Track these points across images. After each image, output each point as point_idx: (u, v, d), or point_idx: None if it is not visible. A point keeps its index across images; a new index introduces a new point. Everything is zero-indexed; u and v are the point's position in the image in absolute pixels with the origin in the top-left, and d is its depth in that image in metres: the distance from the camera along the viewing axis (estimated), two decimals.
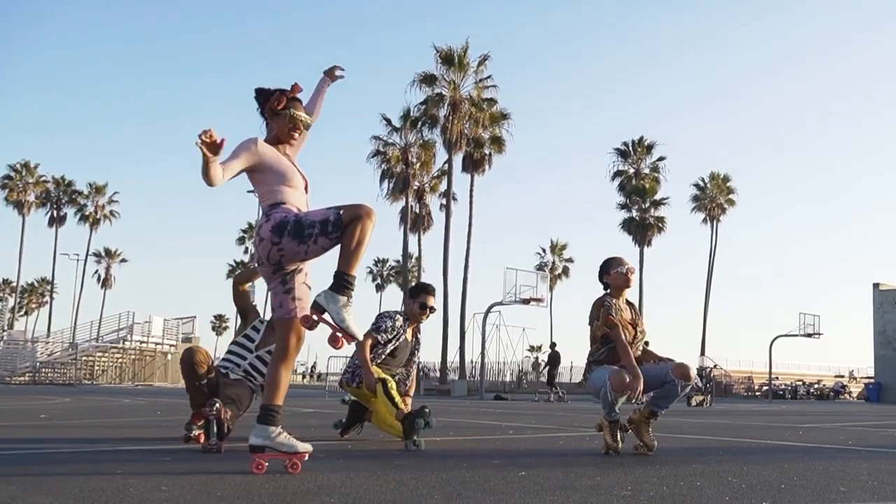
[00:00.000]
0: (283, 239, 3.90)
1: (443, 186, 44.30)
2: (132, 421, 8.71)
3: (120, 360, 47.30)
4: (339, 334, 3.80)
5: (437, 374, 41.89)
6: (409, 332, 6.42)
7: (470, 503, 3.11)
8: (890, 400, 38.75)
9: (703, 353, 53.91)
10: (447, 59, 40.36)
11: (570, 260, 70.26)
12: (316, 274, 4.24)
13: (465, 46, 40.63)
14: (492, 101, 41.47)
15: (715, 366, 32.58)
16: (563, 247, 69.97)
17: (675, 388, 5.43)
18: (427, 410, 5.61)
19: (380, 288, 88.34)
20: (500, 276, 27.87)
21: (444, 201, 43.62)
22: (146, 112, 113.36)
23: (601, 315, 5.50)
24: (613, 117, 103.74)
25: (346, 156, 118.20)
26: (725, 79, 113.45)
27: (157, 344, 48.96)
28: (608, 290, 5.71)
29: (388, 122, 43.04)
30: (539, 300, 28.02)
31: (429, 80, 40.53)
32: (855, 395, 47.62)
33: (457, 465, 4.50)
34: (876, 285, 44.85)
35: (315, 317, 3.79)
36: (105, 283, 76.67)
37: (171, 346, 49.80)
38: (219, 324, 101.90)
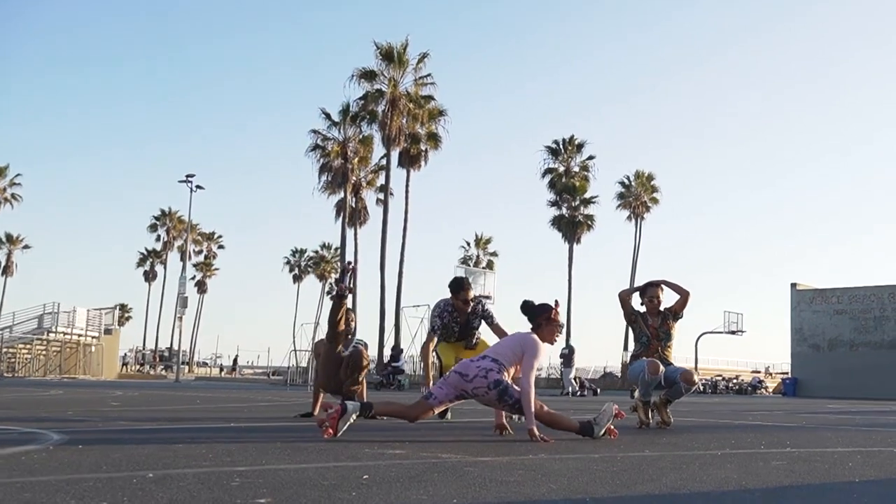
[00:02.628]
0: (491, 392, 5.91)
1: (379, 181, 45.73)
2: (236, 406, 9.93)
3: (42, 353, 47.23)
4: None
5: (374, 367, 43.24)
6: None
7: (545, 458, 4.61)
8: (805, 394, 41.71)
9: (626, 349, 56.55)
10: (387, 55, 41.72)
11: (494, 254, 72.17)
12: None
13: (405, 43, 42.11)
14: (429, 98, 42.99)
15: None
16: (488, 241, 71.80)
17: (680, 388, 7.25)
18: None
19: (297, 279, 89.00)
20: (435, 270, 29.59)
21: (380, 196, 45.07)
22: (53, 93, 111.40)
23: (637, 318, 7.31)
24: (546, 115, 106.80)
25: (284, 149, 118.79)
26: (652, 77, 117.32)
27: (80, 335, 48.96)
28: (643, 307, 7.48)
29: (328, 116, 44.29)
30: (486, 297, 29.66)
31: (368, 75, 41.83)
32: (771, 389, 50.70)
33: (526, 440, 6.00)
34: (793, 285, 48.00)
35: None
36: (6, 270, 75.58)
37: (93, 337, 49.83)
38: (122, 314, 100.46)
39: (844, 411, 15.22)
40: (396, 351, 32.74)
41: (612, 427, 6.13)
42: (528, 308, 6.37)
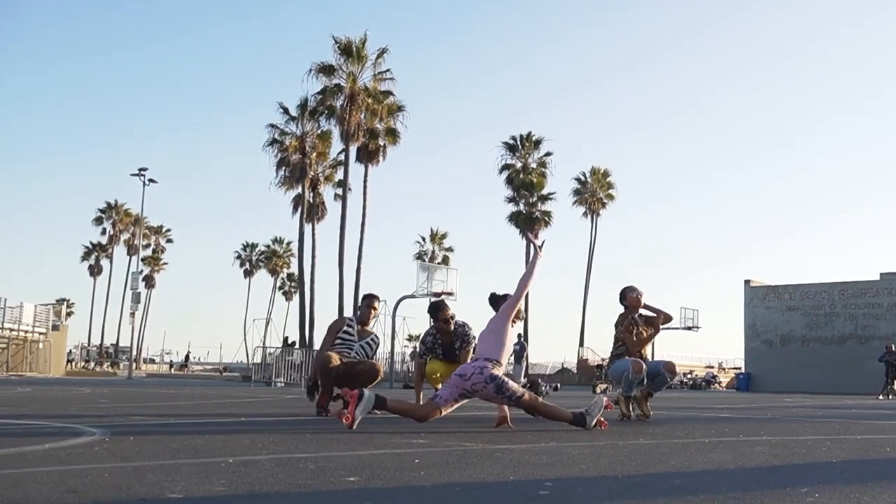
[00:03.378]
0: (489, 386, 6.49)
1: (337, 176, 46.17)
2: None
3: None
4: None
5: None
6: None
7: (544, 437, 5.27)
8: (758, 389, 43.07)
9: (581, 344, 57.67)
10: (346, 50, 42.12)
11: (450, 249, 72.80)
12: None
13: (364, 38, 42.56)
14: (388, 94, 43.51)
15: (604, 359, 35.85)
16: (444, 236, 72.42)
17: (664, 379, 7.96)
18: None
19: (248, 274, 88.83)
20: (394, 265, 30.13)
21: (338, 191, 45.53)
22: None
23: (624, 325, 7.89)
24: (504, 111, 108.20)
25: (237, 143, 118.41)
26: (608, 73, 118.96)
27: (26, 332, 48.59)
28: (627, 308, 8.12)
29: (286, 110, 44.62)
30: (450, 294, 30.29)
31: (327, 70, 42.20)
32: (724, 384, 52.15)
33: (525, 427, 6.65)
34: (747, 282, 49.46)
35: None
36: None
37: (40, 333, 49.50)
38: (66, 309, 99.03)
39: (803, 405, 16.14)
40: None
41: (603, 419, 6.80)
42: (495, 300, 7.19)
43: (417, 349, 9.21)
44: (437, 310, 9.23)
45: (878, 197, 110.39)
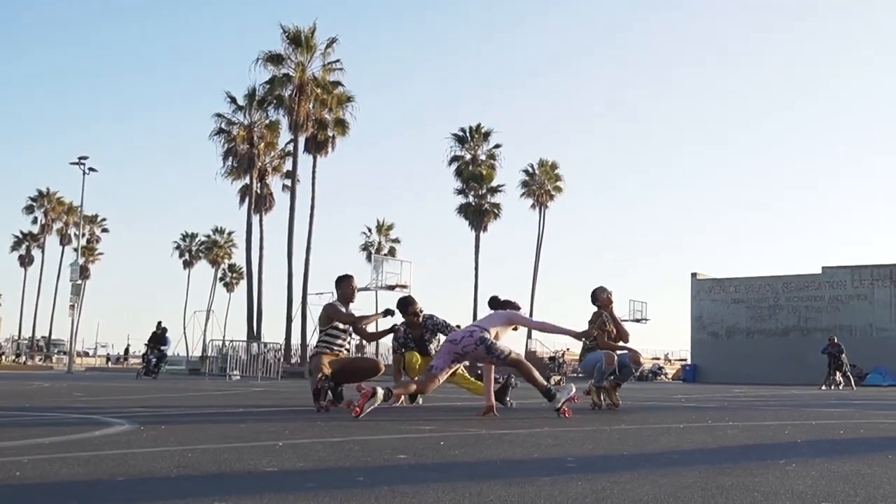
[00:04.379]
0: (480, 346, 7.31)
1: (286, 167, 46.45)
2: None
3: None
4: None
5: (281, 356, 44.01)
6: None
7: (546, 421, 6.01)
8: (704, 380, 44.49)
9: (529, 337, 58.68)
10: (294, 39, 42.37)
11: (396, 240, 73.26)
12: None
13: (313, 28, 42.82)
14: (337, 84, 43.89)
15: (567, 349, 36.97)
16: (390, 227, 72.86)
17: (630, 369, 8.78)
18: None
19: (188, 264, 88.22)
20: (342, 257, 30.59)
21: (286, 182, 45.80)
22: None
23: (598, 322, 8.73)
24: (453, 103, 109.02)
25: (180, 133, 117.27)
26: (556, 65, 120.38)
27: None
28: (600, 307, 8.96)
29: (233, 100, 44.69)
30: (404, 286, 30.96)
31: (275, 59, 42.43)
32: (671, 376, 53.62)
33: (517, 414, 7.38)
34: (694, 274, 51.01)
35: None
36: None
37: None
38: None
39: (752, 395, 17.16)
40: (161, 330, 26.65)
41: (567, 407, 7.47)
42: (497, 303, 8.01)
43: (391, 345, 9.90)
44: (406, 304, 9.99)
45: (821, 191, 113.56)
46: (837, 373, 28.19)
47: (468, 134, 54.51)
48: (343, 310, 9.05)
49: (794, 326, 47.54)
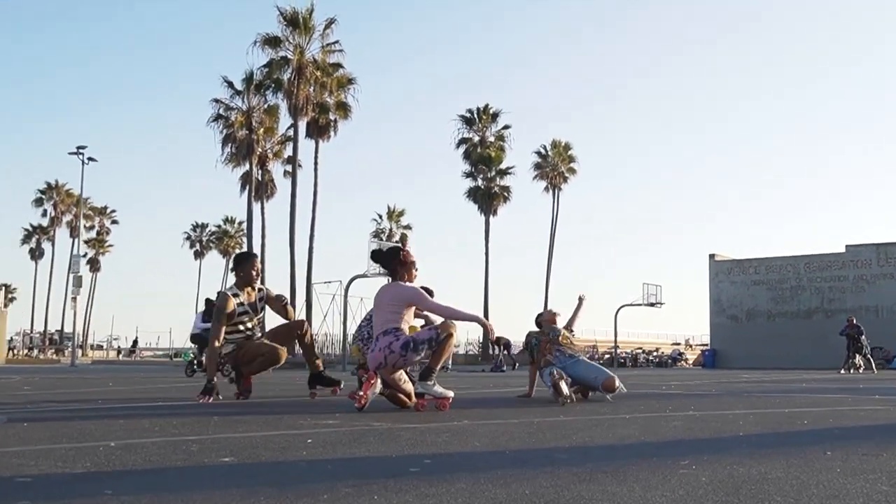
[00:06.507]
0: (408, 353, 6.50)
1: (286, 152, 45.87)
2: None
3: None
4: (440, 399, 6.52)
5: None
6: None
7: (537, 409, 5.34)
8: (724, 365, 43.68)
9: None
10: (292, 21, 41.70)
11: (408, 227, 72.64)
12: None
13: (311, 8, 42.08)
14: (337, 66, 43.19)
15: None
16: (401, 213, 72.16)
17: (601, 393, 8.04)
18: None
19: (199, 255, 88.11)
20: (348, 244, 29.90)
21: (287, 168, 45.20)
22: None
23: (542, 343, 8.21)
24: (460, 83, 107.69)
25: (183, 119, 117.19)
26: (566, 42, 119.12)
27: None
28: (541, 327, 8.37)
29: (231, 84, 44.13)
30: None
31: (273, 42, 41.77)
32: (691, 361, 52.79)
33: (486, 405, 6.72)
34: (712, 256, 50.03)
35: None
36: None
37: None
38: (6, 295, 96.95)
39: (755, 380, 16.41)
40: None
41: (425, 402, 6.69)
42: (379, 256, 7.13)
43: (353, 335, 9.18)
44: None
45: (843, 168, 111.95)
46: (857, 356, 27.30)
47: (476, 115, 53.78)
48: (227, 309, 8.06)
49: (818, 308, 46.47)
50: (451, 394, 6.62)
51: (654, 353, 52.31)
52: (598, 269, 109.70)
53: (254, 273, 8.29)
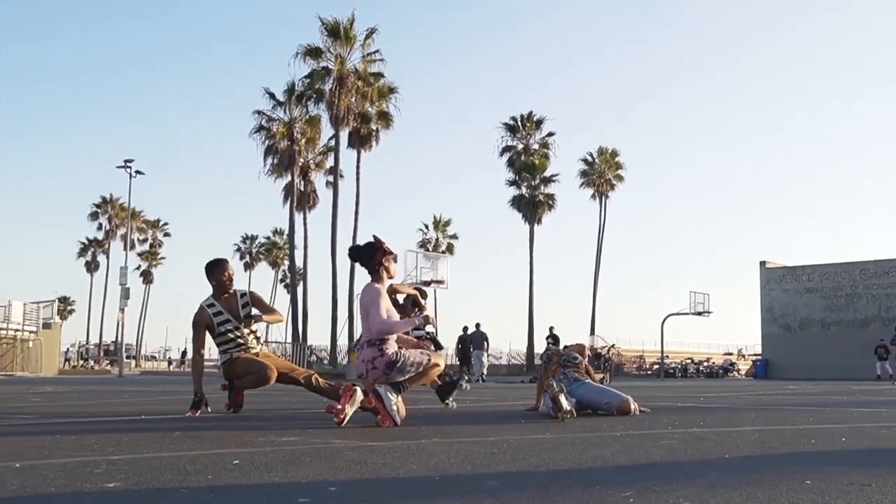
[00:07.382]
0: (392, 372, 6.20)
1: (328, 163, 45.83)
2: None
3: None
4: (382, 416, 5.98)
5: (328, 357, 43.43)
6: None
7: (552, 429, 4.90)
8: (777, 376, 42.53)
9: (592, 332, 57.18)
10: (333, 31, 41.68)
11: (454, 237, 72.30)
12: None
13: (352, 18, 42.10)
14: (379, 76, 43.05)
15: (613, 345, 35.40)
16: (447, 223, 71.90)
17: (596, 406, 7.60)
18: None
19: (248, 266, 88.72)
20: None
21: (329, 178, 45.16)
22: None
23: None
24: (503, 91, 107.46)
25: (229, 131, 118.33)
26: (612, 48, 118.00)
27: (16, 330, 48.49)
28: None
29: (272, 96, 44.24)
30: (440, 282, 29.88)
31: (314, 52, 41.78)
32: (743, 372, 51.60)
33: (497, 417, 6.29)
34: (762, 263, 48.87)
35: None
36: None
37: (31, 332, 49.40)
38: (64, 307, 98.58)
39: (798, 392, 15.71)
40: None
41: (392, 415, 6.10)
42: (356, 254, 6.73)
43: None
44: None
45: None
46: None
47: (519, 122, 53.32)
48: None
49: (875, 316, 45.07)
50: (398, 420, 6.05)
51: (705, 364, 51.28)
52: (644, 278, 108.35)
53: (225, 278, 7.92)
